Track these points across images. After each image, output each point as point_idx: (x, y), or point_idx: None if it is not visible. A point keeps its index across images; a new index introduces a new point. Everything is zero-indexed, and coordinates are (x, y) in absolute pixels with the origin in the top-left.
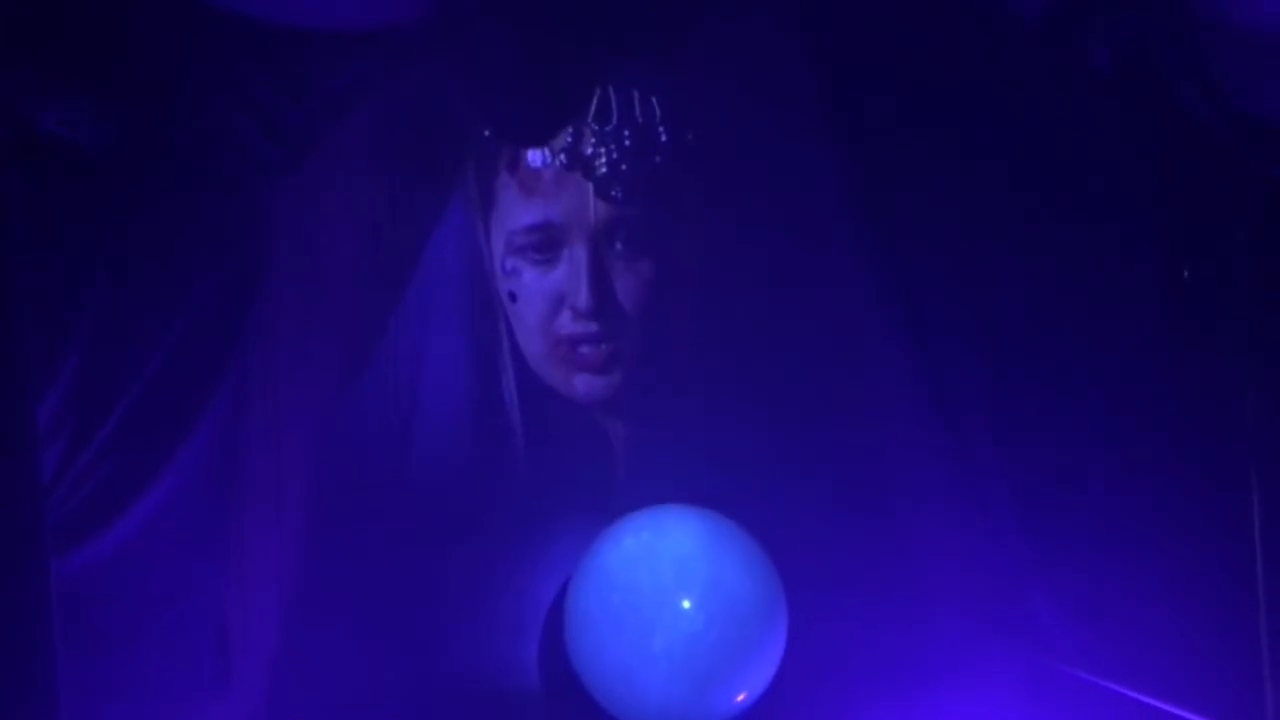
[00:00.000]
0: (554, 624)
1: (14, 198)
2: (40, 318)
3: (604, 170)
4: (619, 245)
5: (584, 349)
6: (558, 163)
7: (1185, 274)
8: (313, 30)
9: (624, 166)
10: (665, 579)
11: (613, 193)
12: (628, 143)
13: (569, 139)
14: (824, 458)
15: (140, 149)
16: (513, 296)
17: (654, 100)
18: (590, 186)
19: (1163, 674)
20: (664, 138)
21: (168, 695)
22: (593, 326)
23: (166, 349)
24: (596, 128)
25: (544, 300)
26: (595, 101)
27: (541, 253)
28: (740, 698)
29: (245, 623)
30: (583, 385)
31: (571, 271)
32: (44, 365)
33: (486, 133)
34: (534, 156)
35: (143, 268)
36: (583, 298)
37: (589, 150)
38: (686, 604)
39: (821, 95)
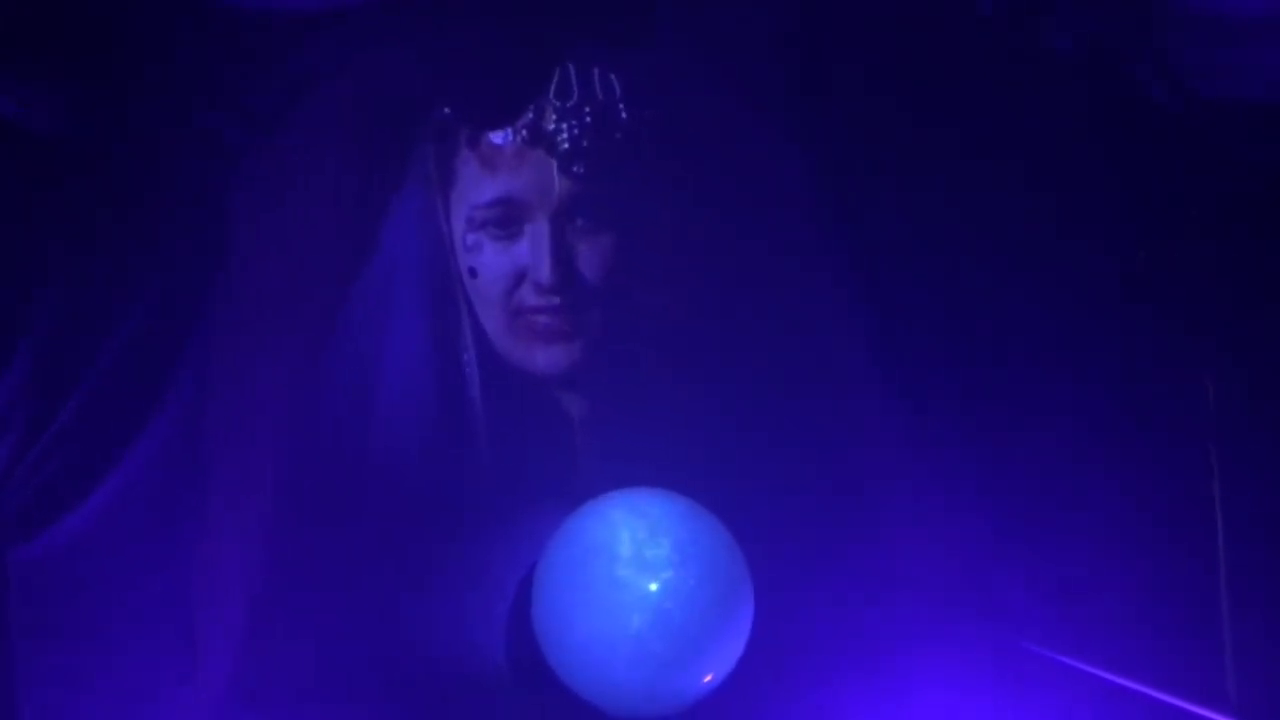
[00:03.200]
0: (521, 607)
1: None
2: None
3: (566, 146)
4: (580, 221)
5: (544, 320)
6: (519, 139)
7: (1140, 255)
8: (271, 10)
9: (585, 143)
10: (630, 562)
11: (574, 168)
12: (589, 119)
13: (530, 115)
14: (789, 437)
15: (96, 133)
16: (473, 272)
17: (613, 77)
18: (553, 163)
19: (1129, 653)
20: (624, 115)
21: (133, 684)
22: (554, 300)
23: (124, 336)
24: (558, 104)
25: (505, 275)
26: (556, 78)
27: (503, 228)
28: (707, 679)
29: (210, 611)
30: (543, 357)
31: (533, 247)
32: None
33: (446, 110)
34: (495, 133)
35: (99, 254)
36: (545, 272)
37: (550, 126)
38: (653, 586)
39: (781, 74)
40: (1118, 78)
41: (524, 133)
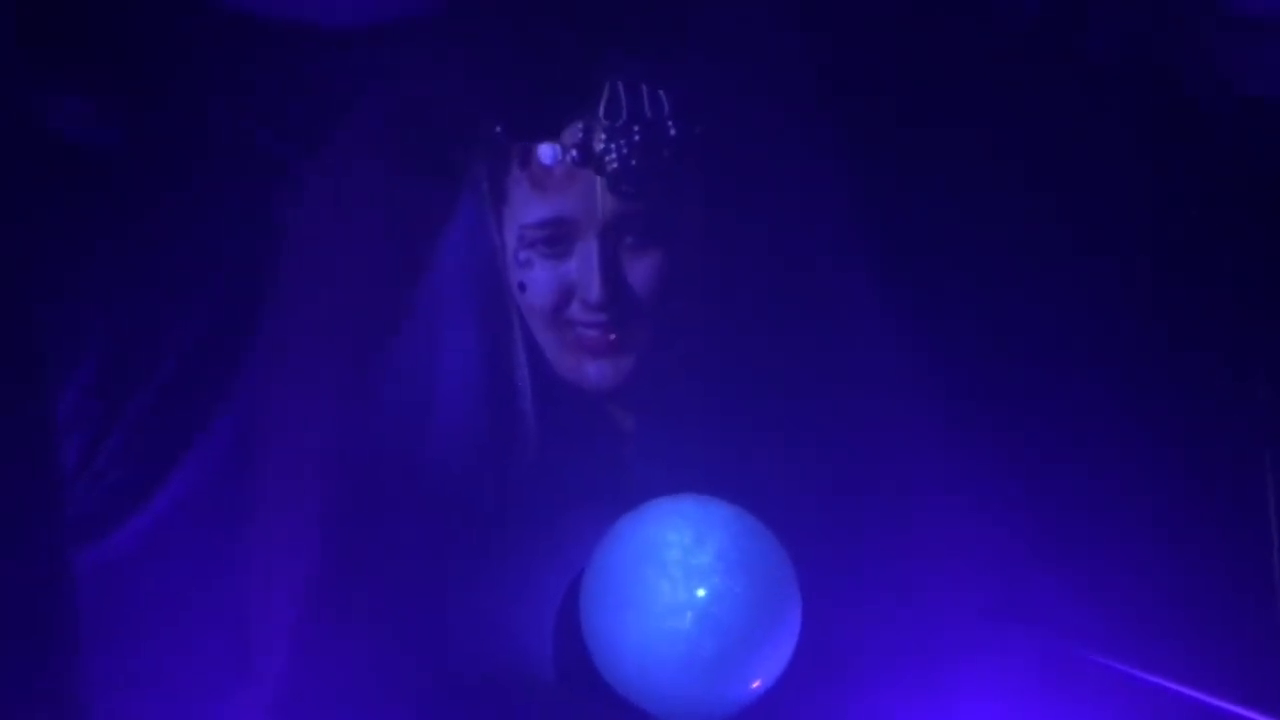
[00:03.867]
0: (569, 612)
1: (30, 198)
2: (58, 315)
3: (614, 166)
4: (629, 238)
5: (593, 335)
6: (569, 159)
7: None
8: (319, 26)
9: (634, 161)
10: (678, 567)
11: (623, 187)
12: (637, 138)
13: (580, 135)
14: (833, 444)
15: (149, 148)
16: (522, 287)
17: (662, 95)
18: (600, 181)
19: (1177, 656)
20: (673, 131)
21: (187, 687)
22: (602, 316)
23: (183, 344)
24: (607, 123)
25: (554, 291)
26: (605, 97)
27: (552, 246)
28: (755, 685)
29: (263, 615)
30: (594, 371)
31: (582, 265)
32: (62, 363)
33: (498, 129)
34: (545, 154)
35: (156, 267)
36: (594, 291)
37: (599, 146)
38: (701, 592)
39: (824, 89)
40: (1160, 77)
41: (573, 153)
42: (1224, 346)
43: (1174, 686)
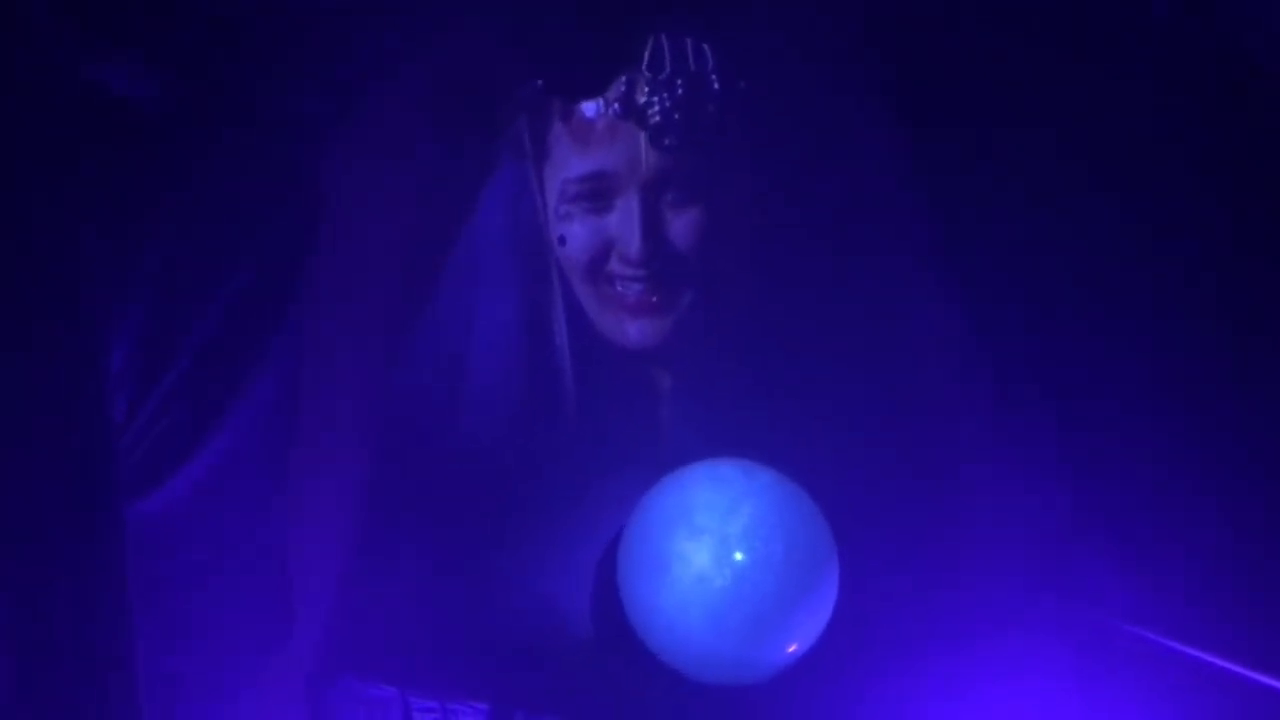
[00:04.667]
0: (606, 573)
1: (76, 152)
2: (107, 269)
3: (657, 119)
4: (671, 194)
5: (635, 293)
6: (611, 112)
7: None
8: None
9: (677, 115)
10: (716, 531)
11: (666, 141)
12: (680, 91)
13: (622, 88)
14: (874, 412)
15: (195, 106)
16: (562, 240)
17: (706, 48)
18: (643, 135)
19: (1224, 632)
20: (716, 85)
21: (232, 638)
22: (642, 272)
23: (226, 301)
24: (650, 76)
25: (594, 245)
26: (649, 50)
27: (593, 201)
28: (791, 649)
29: (306, 569)
30: (634, 330)
31: (623, 220)
32: (111, 317)
33: (539, 83)
34: (587, 107)
35: (201, 223)
36: (634, 246)
37: (642, 99)
38: (739, 556)
39: (872, 45)
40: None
41: (616, 106)
42: (1277, 317)
43: (1219, 662)
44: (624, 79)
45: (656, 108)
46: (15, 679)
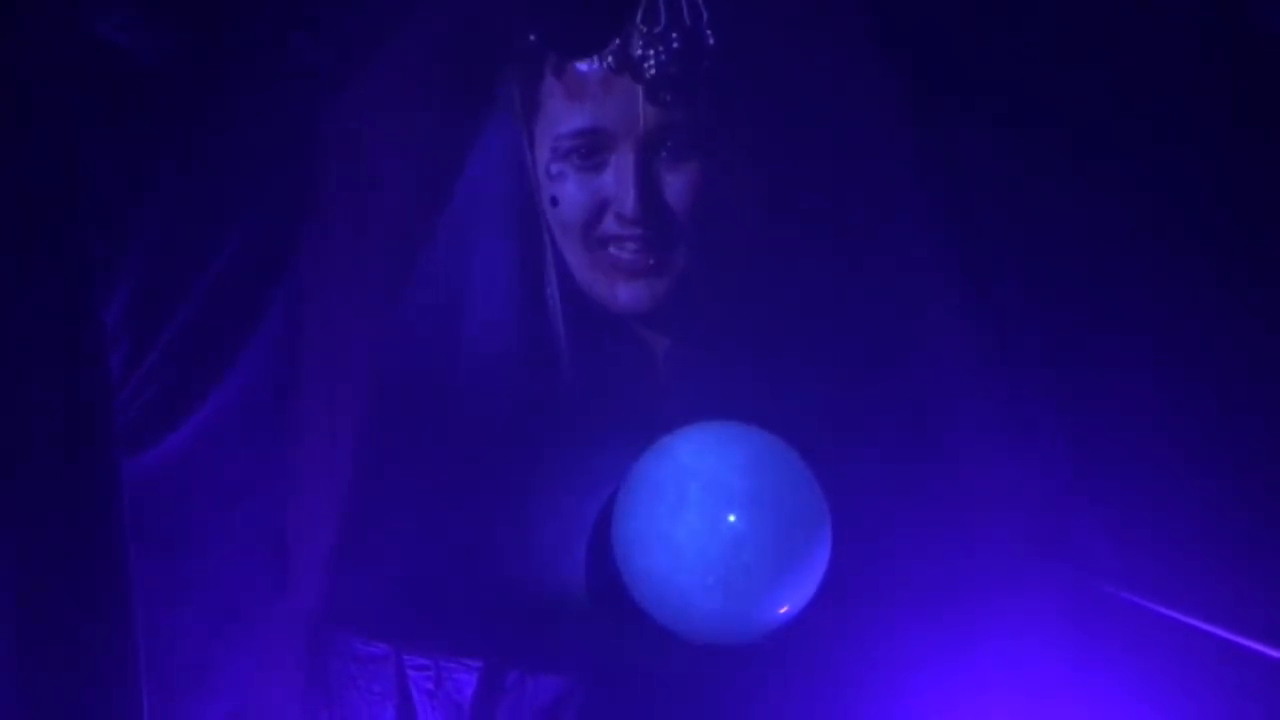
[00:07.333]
0: (600, 534)
1: (77, 105)
2: (103, 224)
3: (653, 73)
4: (666, 152)
5: (628, 253)
6: (605, 66)
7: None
8: None
9: (673, 69)
10: (708, 492)
11: (663, 95)
12: (676, 45)
13: (617, 41)
14: (869, 374)
15: (196, 58)
16: (554, 201)
17: (701, 3)
18: (639, 90)
19: (1214, 596)
20: (712, 41)
21: (229, 595)
22: (637, 231)
23: (223, 258)
24: (645, 30)
25: (588, 205)
26: (643, 4)
27: (587, 158)
28: (782, 610)
29: (302, 529)
30: (626, 293)
31: (618, 177)
32: (108, 271)
33: (531, 37)
34: (581, 61)
35: (198, 178)
36: (629, 204)
37: (638, 53)
38: (731, 517)
39: (873, 8)
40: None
41: (610, 60)
42: (1275, 284)
43: (1208, 627)
44: (619, 33)
45: (652, 61)
46: (15, 630)
